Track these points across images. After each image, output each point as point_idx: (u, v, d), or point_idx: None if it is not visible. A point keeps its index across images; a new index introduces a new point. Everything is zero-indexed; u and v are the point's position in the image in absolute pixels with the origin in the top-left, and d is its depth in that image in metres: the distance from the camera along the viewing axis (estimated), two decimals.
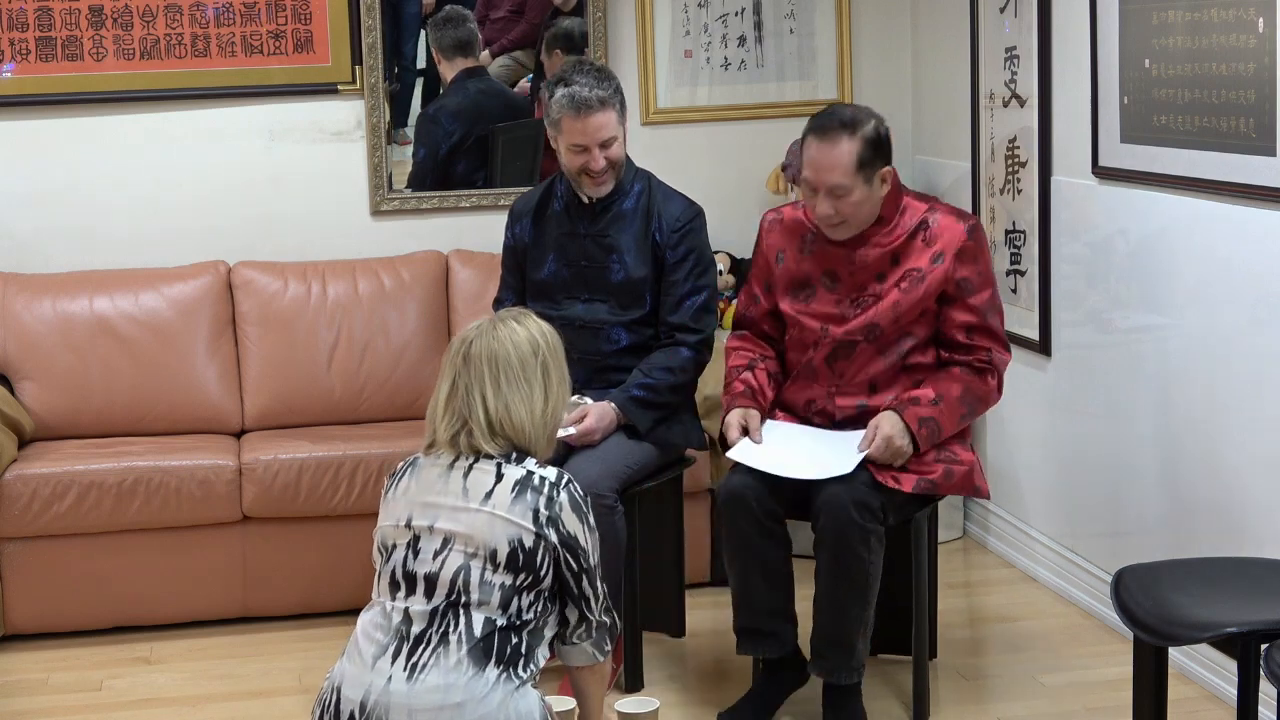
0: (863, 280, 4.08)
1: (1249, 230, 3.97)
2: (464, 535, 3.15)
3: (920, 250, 4.05)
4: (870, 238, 4.07)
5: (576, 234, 4.44)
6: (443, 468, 3.23)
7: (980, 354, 4.07)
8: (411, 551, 3.18)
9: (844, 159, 3.95)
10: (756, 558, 4.02)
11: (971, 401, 4.06)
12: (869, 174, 3.98)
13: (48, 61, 5.37)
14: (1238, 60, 3.91)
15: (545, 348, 3.27)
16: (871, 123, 4.00)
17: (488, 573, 3.13)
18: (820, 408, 4.13)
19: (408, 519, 3.22)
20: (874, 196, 4.02)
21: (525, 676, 3.14)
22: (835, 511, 3.90)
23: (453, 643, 3.10)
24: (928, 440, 3.97)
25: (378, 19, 5.50)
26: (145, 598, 4.86)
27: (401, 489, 3.27)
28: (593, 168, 4.31)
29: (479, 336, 3.25)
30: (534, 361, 3.24)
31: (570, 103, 4.26)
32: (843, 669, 3.99)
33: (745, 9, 5.76)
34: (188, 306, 5.26)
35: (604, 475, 4.17)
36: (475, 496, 3.17)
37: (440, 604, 3.13)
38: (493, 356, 3.22)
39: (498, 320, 3.28)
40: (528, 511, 3.16)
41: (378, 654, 3.13)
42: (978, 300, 4.06)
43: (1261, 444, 3.97)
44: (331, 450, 4.90)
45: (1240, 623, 3.14)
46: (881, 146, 4.00)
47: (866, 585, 3.94)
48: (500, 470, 3.19)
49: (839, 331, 4.09)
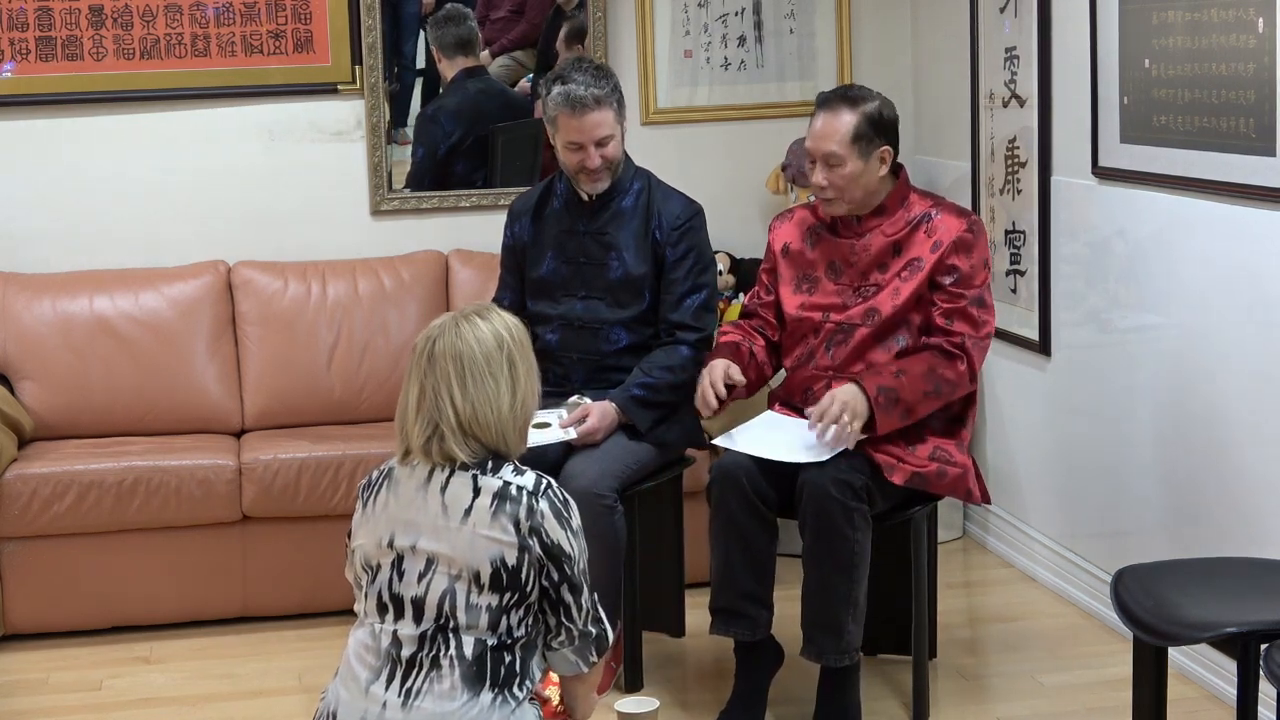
0: (865, 269, 4.13)
1: (1248, 230, 3.97)
2: (446, 557, 3.08)
3: (922, 242, 4.11)
4: (872, 227, 4.13)
5: (575, 231, 4.44)
6: (419, 482, 3.14)
7: (954, 336, 4.07)
8: (396, 573, 3.11)
9: (841, 129, 4.05)
10: (741, 538, 4.03)
11: (937, 381, 4.02)
12: (865, 148, 4.05)
13: (48, 61, 5.37)
14: (1237, 60, 3.91)
15: (510, 341, 3.16)
16: (876, 102, 4.10)
17: (473, 595, 3.06)
18: (817, 395, 4.14)
19: (390, 538, 3.14)
20: (869, 173, 4.08)
21: (521, 695, 3.08)
22: (816, 490, 3.92)
23: (445, 666, 3.05)
24: (885, 409, 3.94)
25: (377, 19, 5.50)
26: (145, 597, 4.86)
27: (380, 504, 3.18)
28: (589, 165, 4.31)
29: (441, 335, 3.15)
30: (499, 356, 3.13)
31: (566, 100, 4.27)
32: (832, 651, 3.98)
33: (745, 9, 5.76)
34: (188, 306, 5.26)
35: (603, 475, 4.17)
36: (455, 514, 3.09)
37: (429, 628, 3.07)
38: (457, 355, 3.12)
39: (460, 317, 3.18)
40: (509, 524, 3.07)
41: (371, 679, 3.08)
42: (965, 289, 4.07)
43: (1261, 444, 3.98)
44: (331, 450, 4.90)
45: (1240, 623, 3.14)
46: (882, 126, 4.08)
47: (852, 564, 3.94)
48: (476, 483, 3.10)
49: (839, 317, 4.13)
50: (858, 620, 3.99)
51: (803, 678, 4.20)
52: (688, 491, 4.72)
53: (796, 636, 4.08)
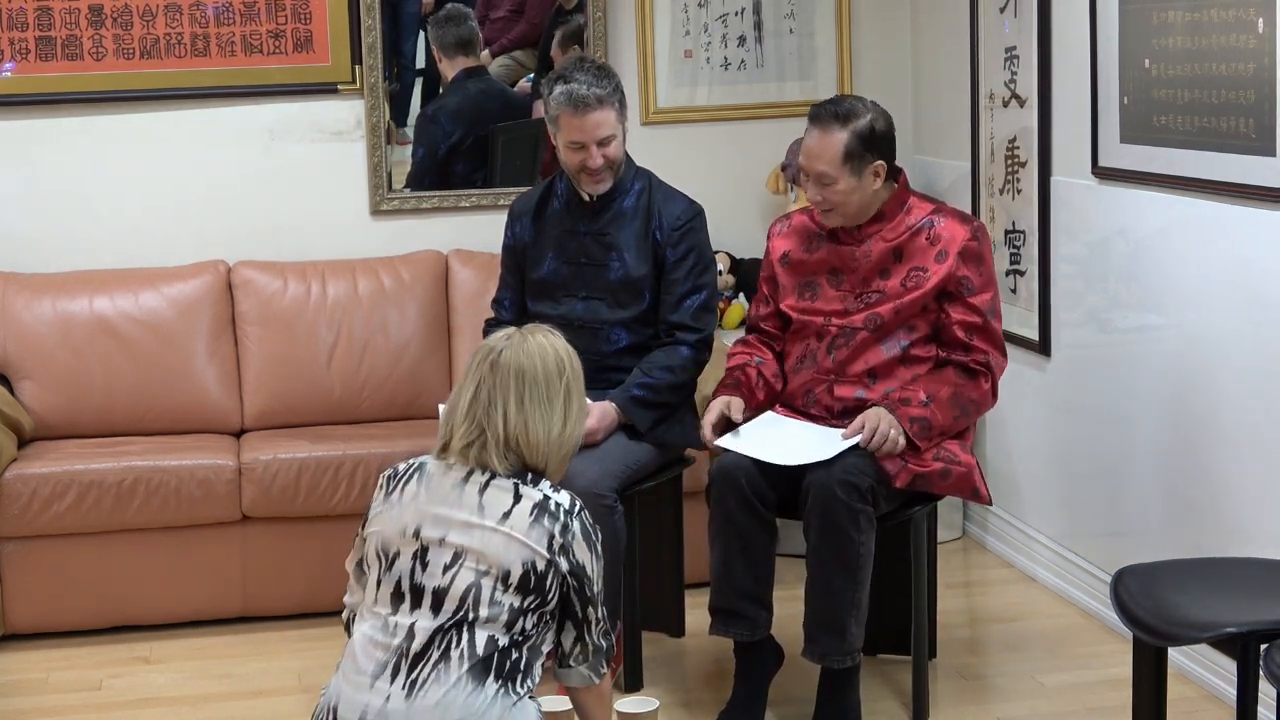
0: (866, 275, 4.12)
1: (1248, 230, 3.97)
2: (477, 552, 3.12)
3: (924, 249, 4.09)
4: (872, 233, 4.12)
5: (576, 232, 4.44)
6: (456, 479, 3.19)
7: (977, 355, 4.08)
8: (419, 563, 3.14)
9: (831, 149, 4.02)
10: (740, 538, 4.03)
11: (963, 404, 4.07)
12: (857, 166, 4.03)
13: (47, 61, 5.37)
14: (1237, 60, 3.91)
15: (570, 370, 3.25)
16: (867, 117, 4.05)
17: (498, 592, 3.10)
18: (819, 398, 4.14)
19: (416, 528, 3.17)
20: (864, 189, 4.06)
21: (523, 691, 3.12)
22: (822, 492, 3.91)
23: (454, 660, 3.07)
24: (920, 436, 3.99)
25: (377, 18, 5.50)
26: (145, 597, 4.86)
27: (410, 494, 3.22)
28: (590, 165, 4.31)
29: (508, 347, 3.21)
30: (559, 382, 3.21)
31: (568, 100, 4.26)
32: (835, 653, 3.98)
33: (745, 9, 5.76)
34: (187, 306, 5.26)
35: (603, 475, 4.17)
36: (492, 515, 3.14)
37: (446, 620, 3.09)
38: (520, 371, 3.18)
39: (526, 333, 3.25)
40: (544, 537, 3.13)
41: (378, 671, 3.09)
42: (978, 301, 4.08)
43: (1260, 444, 3.97)
44: (331, 450, 4.90)
45: (1239, 623, 3.14)
46: (874, 141, 4.04)
47: (857, 566, 3.94)
48: (519, 491, 3.17)
49: (841, 322, 4.12)
50: (860, 622, 3.99)
51: (803, 678, 4.20)
52: (687, 492, 4.72)
53: (797, 637, 4.07)
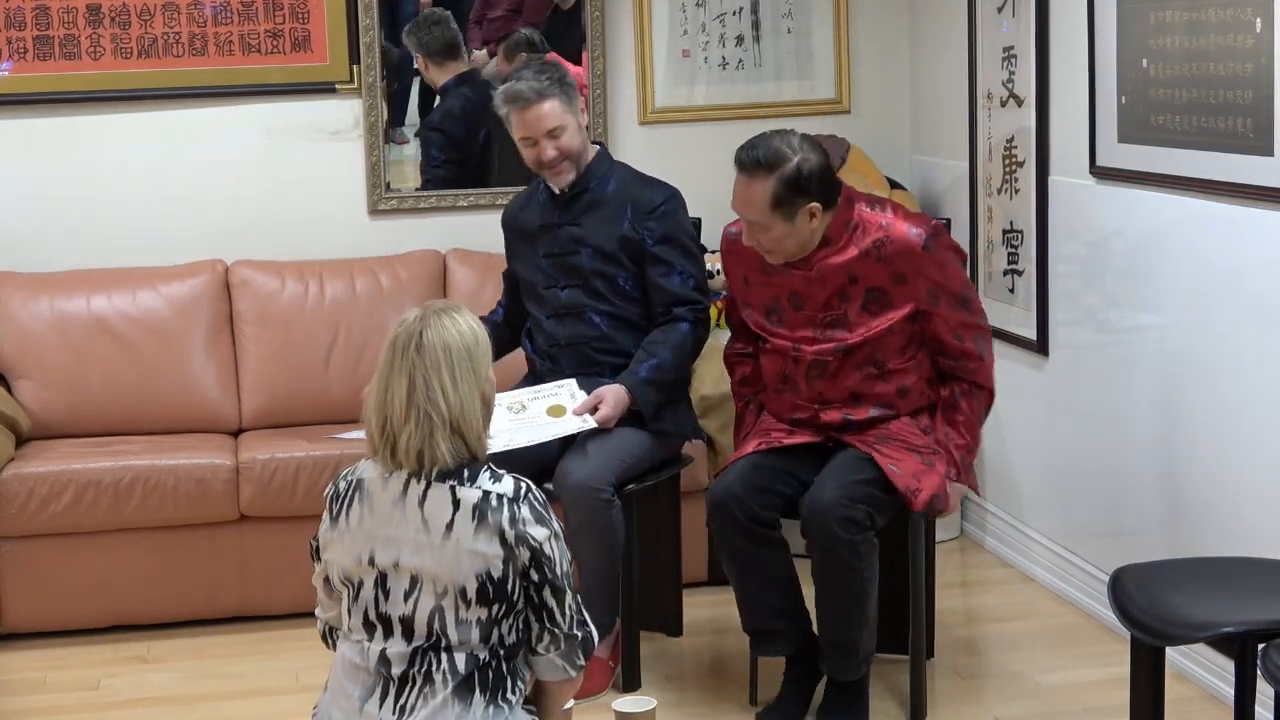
0: (825, 299, 4.05)
1: (1247, 230, 3.97)
2: (431, 573, 2.99)
3: (878, 269, 3.99)
4: (820, 259, 4.02)
5: (551, 224, 4.51)
6: (395, 495, 3.03)
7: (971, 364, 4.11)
8: (381, 591, 3.03)
9: (758, 198, 3.91)
10: (750, 563, 4.04)
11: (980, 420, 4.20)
12: (788, 212, 3.92)
13: (45, 60, 5.37)
14: (1235, 60, 3.91)
15: (483, 339, 3.07)
16: (794, 160, 3.88)
17: (461, 611, 2.98)
18: (806, 420, 4.14)
19: (370, 555, 3.04)
20: (798, 231, 3.95)
21: (514, 699, 3.03)
22: (820, 529, 3.91)
23: (438, 681, 2.99)
24: (969, 469, 4.15)
25: (375, 18, 5.50)
26: (142, 597, 4.86)
27: (355, 519, 3.07)
28: (543, 158, 4.39)
29: (426, 327, 3.02)
30: (478, 350, 3.04)
31: (510, 98, 4.38)
32: (847, 669, 4.03)
33: (743, 8, 5.76)
34: (185, 305, 5.26)
35: (600, 469, 4.18)
36: (436, 529, 3.00)
37: (420, 644, 3.01)
38: (446, 346, 3.00)
39: (432, 311, 3.06)
40: (493, 536, 2.98)
41: (364, 696, 3.02)
42: (953, 293, 4.05)
43: (1259, 444, 3.98)
44: (329, 449, 4.89)
45: (1237, 622, 3.15)
46: (802, 186, 3.90)
47: (862, 590, 3.96)
48: (455, 495, 3.00)
49: (811, 351, 4.08)
50: (870, 631, 4.04)
51: None
52: (685, 490, 4.72)
53: None
